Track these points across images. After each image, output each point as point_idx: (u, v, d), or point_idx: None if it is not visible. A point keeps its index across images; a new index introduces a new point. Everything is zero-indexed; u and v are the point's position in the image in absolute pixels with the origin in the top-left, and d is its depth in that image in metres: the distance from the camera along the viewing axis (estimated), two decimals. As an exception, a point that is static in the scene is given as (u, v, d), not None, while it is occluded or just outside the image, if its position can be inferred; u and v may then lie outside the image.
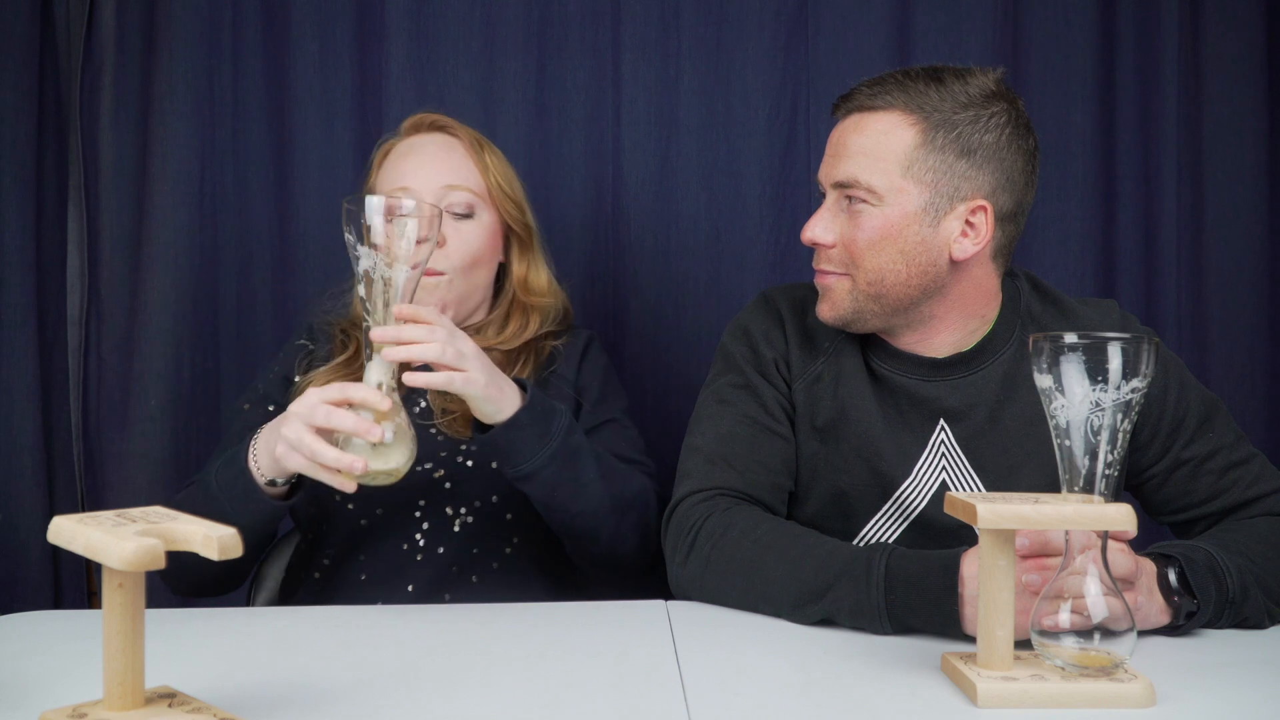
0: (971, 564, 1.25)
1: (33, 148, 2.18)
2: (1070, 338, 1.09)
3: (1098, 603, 1.07)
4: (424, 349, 1.36)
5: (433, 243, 1.36)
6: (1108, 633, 1.07)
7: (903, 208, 1.50)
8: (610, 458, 1.65)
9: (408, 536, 1.69)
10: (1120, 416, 1.08)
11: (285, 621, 1.42)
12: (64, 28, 2.23)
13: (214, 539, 0.95)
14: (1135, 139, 2.33)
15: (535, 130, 2.34)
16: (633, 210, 2.35)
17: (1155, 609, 1.28)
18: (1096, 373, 1.08)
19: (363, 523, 1.69)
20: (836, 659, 1.24)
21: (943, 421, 1.58)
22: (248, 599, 1.89)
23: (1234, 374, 2.35)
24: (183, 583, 1.66)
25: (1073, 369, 1.09)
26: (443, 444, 1.72)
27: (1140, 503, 1.63)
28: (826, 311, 1.58)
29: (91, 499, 2.22)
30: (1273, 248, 2.35)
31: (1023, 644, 1.14)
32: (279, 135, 2.30)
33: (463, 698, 1.10)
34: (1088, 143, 2.34)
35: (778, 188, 2.35)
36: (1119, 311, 1.65)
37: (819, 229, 1.56)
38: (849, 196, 1.52)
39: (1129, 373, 1.08)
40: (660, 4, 2.33)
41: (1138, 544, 1.29)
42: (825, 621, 1.36)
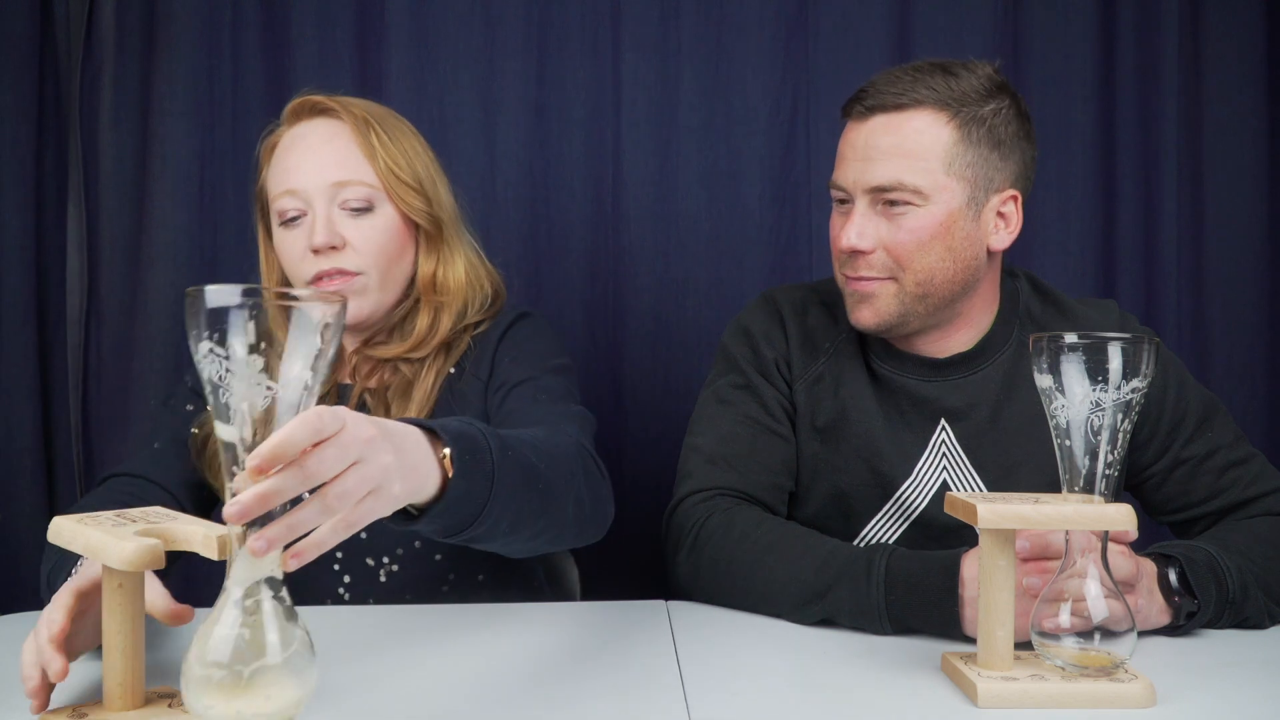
0: (972, 565, 1.25)
1: (33, 148, 2.19)
2: (1070, 338, 1.09)
3: (1098, 603, 1.07)
4: (284, 486, 0.82)
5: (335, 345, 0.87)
6: (1108, 633, 1.07)
7: (948, 205, 1.48)
8: (538, 441, 1.25)
9: (329, 592, 1.57)
10: (1120, 416, 1.08)
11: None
12: (64, 28, 2.24)
13: (213, 539, 0.90)
14: (1135, 139, 2.34)
15: (535, 130, 2.34)
16: (633, 210, 2.35)
17: (1155, 610, 1.28)
18: (1097, 373, 1.08)
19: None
20: (836, 659, 1.24)
21: (944, 421, 1.58)
22: None
23: (1234, 374, 2.35)
24: None
25: (1073, 369, 1.09)
26: None
27: (1139, 502, 1.63)
28: (870, 318, 1.53)
29: (91, 499, 2.23)
30: (1273, 248, 2.35)
31: (1023, 644, 1.14)
32: (279, 135, 2.30)
33: (463, 697, 1.10)
34: (1088, 142, 2.34)
35: (778, 188, 2.35)
36: (1118, 311, 1.65)
37: (856, 236, 1.49)
38: (889, 200, 1.48)
39: (1129, 373, 1.08)
40: (660, 4, 2.33)
41: (1138, 545, 1.29)
42: (825, 622, 1.36)
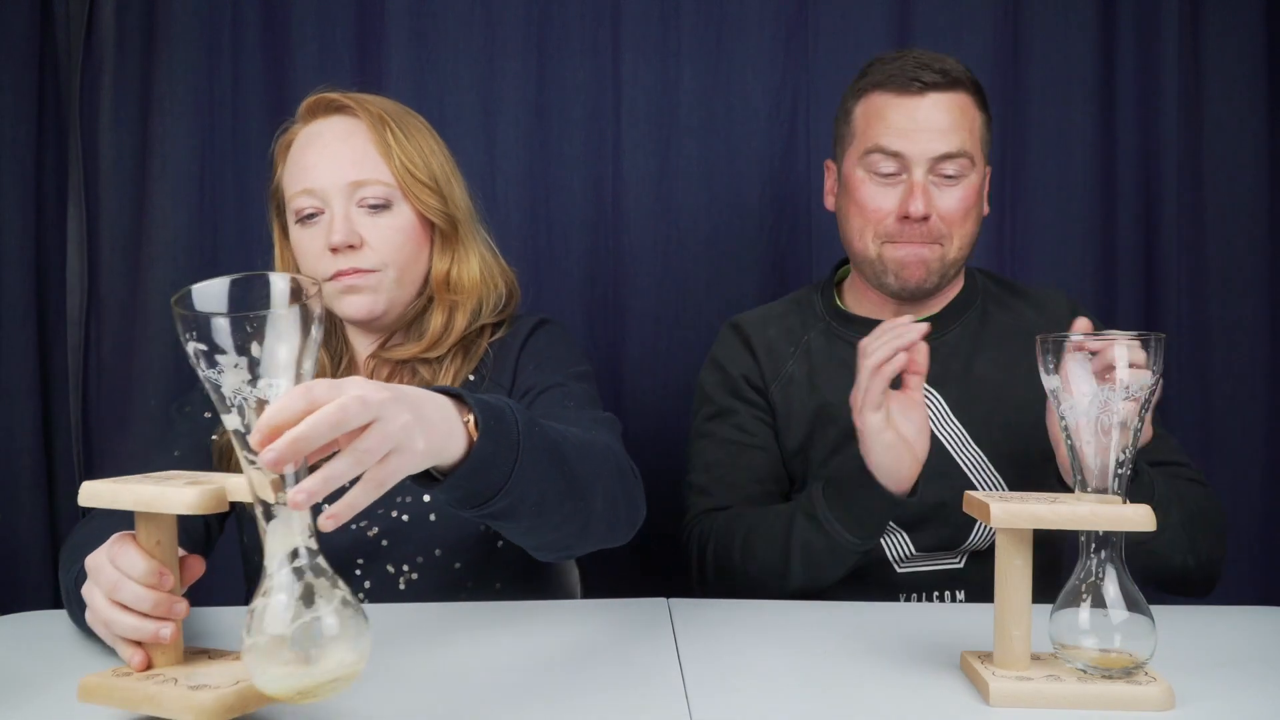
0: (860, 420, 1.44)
1: (33, 148, 2.18)
2: (1076, 337, 1.09)
3: (1117, 603, 1.07)
4: (316, 426, 0.85)
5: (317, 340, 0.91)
6: (1128, 633, 1.07)
7: (980, 174, 1.69)
8: (567, 431, 1.26)
9: None
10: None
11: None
12: (64, 28, 2.23)
13: (266, 481, 0.89)
14: (1135, 139, 2.34)
15: (535, 130, 2.33)
16: (633, 210, 2.35)
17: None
18: (1105, 371, 1.08)
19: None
20: (840, 655, 1.24)
21: (925, 385, 1.67)
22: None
23: (1234, 374, 2.35)
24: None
25: (1079, 369, 1.09)
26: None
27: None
28: (924, 277, 1.68)
29: (91, 500, 2.22)
30: (1273, 248, 2.35)
31: (1043, 645, 1.14)
32: (279, 135, 2.30)
33: (464, 696, 1.09)
34: (1088, 143, 2.35)
35: (778, 188, 2.36)
36: (1067, 300, 1.80)
37: (924, 204, 1.63)
38: (947, 172, 1.64)
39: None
40: (660, 4, 2.33)
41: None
42: (810, 578, 1.54)
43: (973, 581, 1.70)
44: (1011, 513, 1.06)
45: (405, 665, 1.18)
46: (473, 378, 1.60)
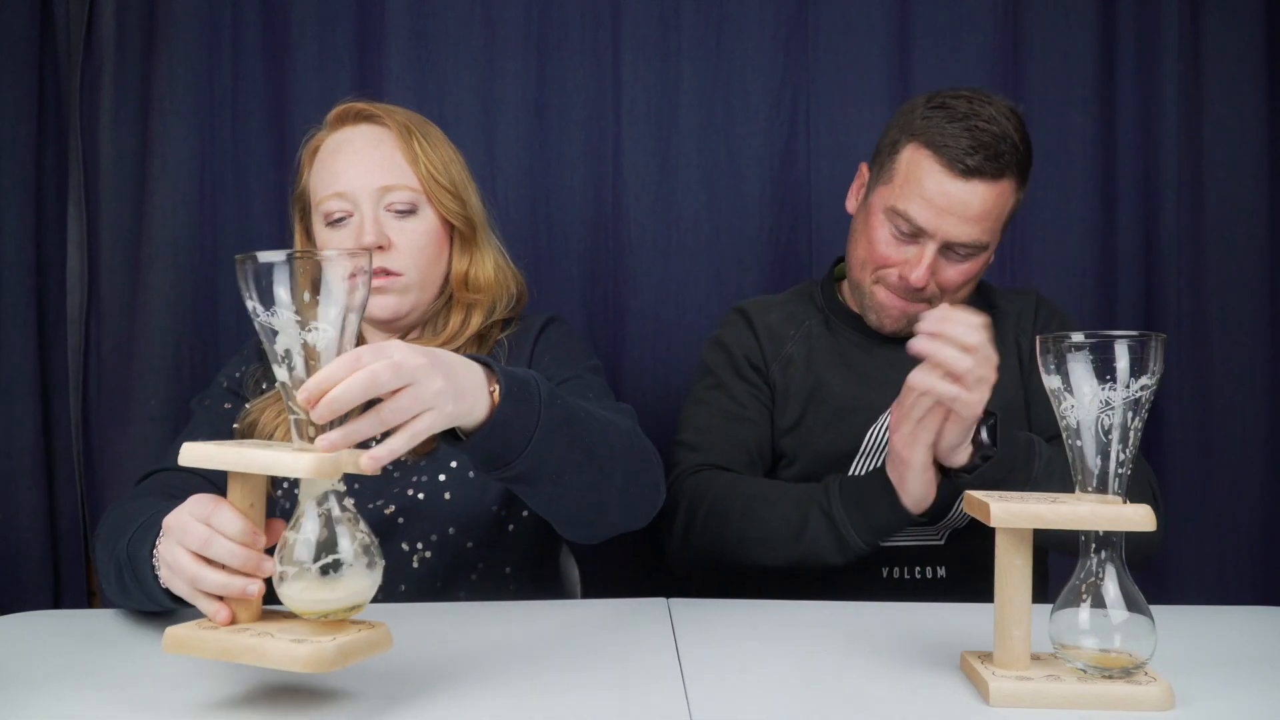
0: (894, 435, 1.48)
1: (33, 148, 2.18)
2: (1077, 337, 1.09)
3: (1117, 603, 1.07)
4: (349, 389, 0.97)
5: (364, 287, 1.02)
6: (1128, 633, 1.07)
7: (992, 249, 1.73)
8: (589, 407, 1.35)
9: None
10: (1131, 415, 1.08)
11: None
12: (64, 28, 2.23)
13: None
14: (1135, 139, 2.34)
15: (535, 130, 2.34)
16: (633, 210, 2.35)
17: (957, 435, 1.44)
18: (1105, 371, 1.08)
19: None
20: (840, 654, 1.24)
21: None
22: None
23: (1234, 374, 2.35)
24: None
25: (1080, 369, 1.09)
26: (394, 477, 1.60)
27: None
28: (901, 329, 1.75)
29: (91, 499, 2.22)
30: (1273, 248, 2.35)
31: (1043, 645, 1.14)
32: (279, 135, 2.30)
33: (464, 696, 1.09)
34: (1088, 143, 2.35)
35: (778, 188, 2.36)
36: (1036, 296, 1.88)
37: (925, 277, 1.68)
38: (959, 251, 1.68)
39: (1137, 370, 1.08)
40: (660, 4, 2.33)
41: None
42: (809, 559, 1.58)
43: (954, 559, 1.76)
44: (1011, 512, 1.06)
45: (405, 664, 1.18)
46: None
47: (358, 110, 1.68)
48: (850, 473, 1.78)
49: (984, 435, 1.48)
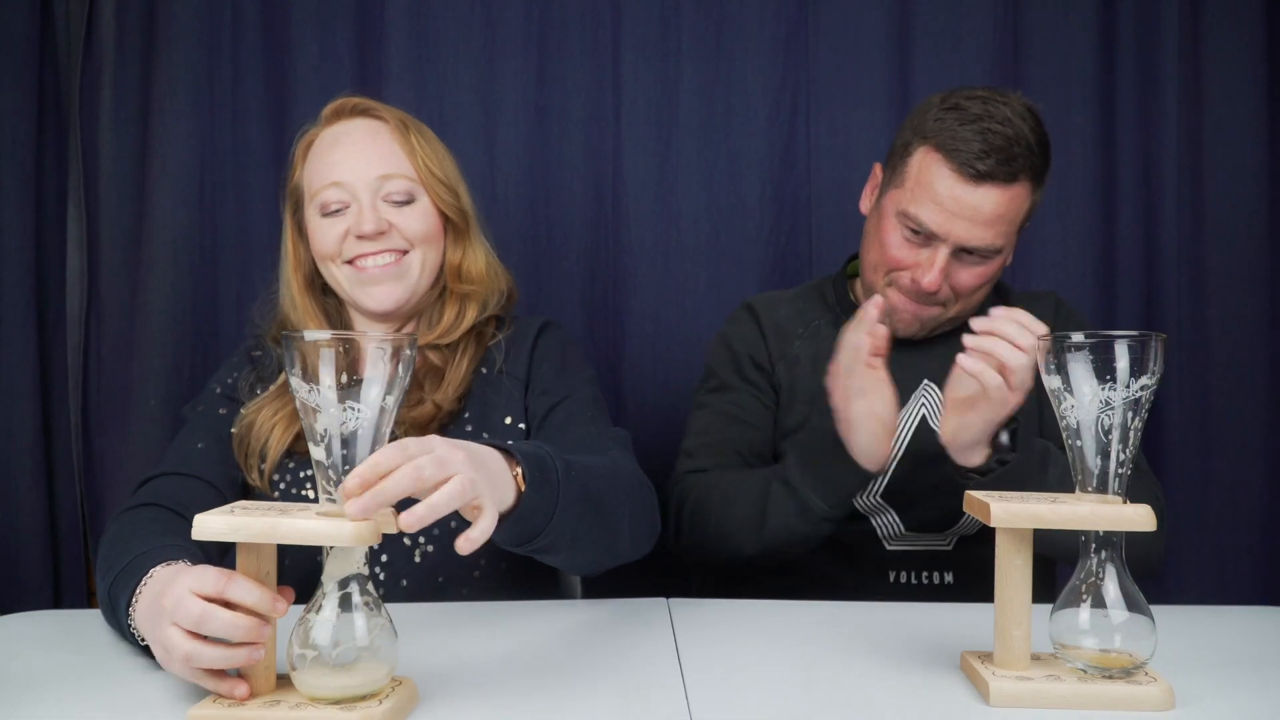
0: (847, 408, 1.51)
1: (33, 148, 2.18)
2: (1077, 337, 1.09)
3: (1117, 603, 1.07)
4: (397, 482, 0.99)
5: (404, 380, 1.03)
6: (1128, 633, 1.07)
7: (1007, 252, 1.70)
8: (597, 466, 1.38)
9: (368, 569, 1.57)
10: (1131, 415, 1.08)
11: (287, 620, 1.41)
12: (64, 28, 2.23)
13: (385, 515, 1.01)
14: (1135, 139, 2.34)
15: (535, 130, 2.34)
16: (633, 210, 2.35)
17: (978, 432, 1.45)
18: (1105, 371, 1.08)
19: (318, 558, 1.47)
20: (840, 655, 1.24)
21: (925, 379, 1.77)
22: None
23: (1234, 374, 2.35)
24: None
25: (1080, 369, 1.09)
26: None
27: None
28: (915, 332, 1.76)
29: (91, 499, 2.22)
30: (1273, 248, 2.35)
31: (1043, 645, 1.14)
32: (279, 135, 2.29)
33: (464, 696, 1.09)
34: (1088, 143, 2.35)
35: (778, 188, 2.36)
36: (1054, 299, 1.85)
37: (937, 282, 1.66)
38: (972, 255, 1.66)
39: (1137, 370, 1.08)
40: (660, 4, 2.33)
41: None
42: (779, 540, 1.61)
43: (961, 565, 1.74)
44: (1011, 512, 1.06)
45: (406, 665, 1.18)
46: (484, 370, 1.69)
47: (354, 104, 1.69)
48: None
49: (1004, 438, 1.47)
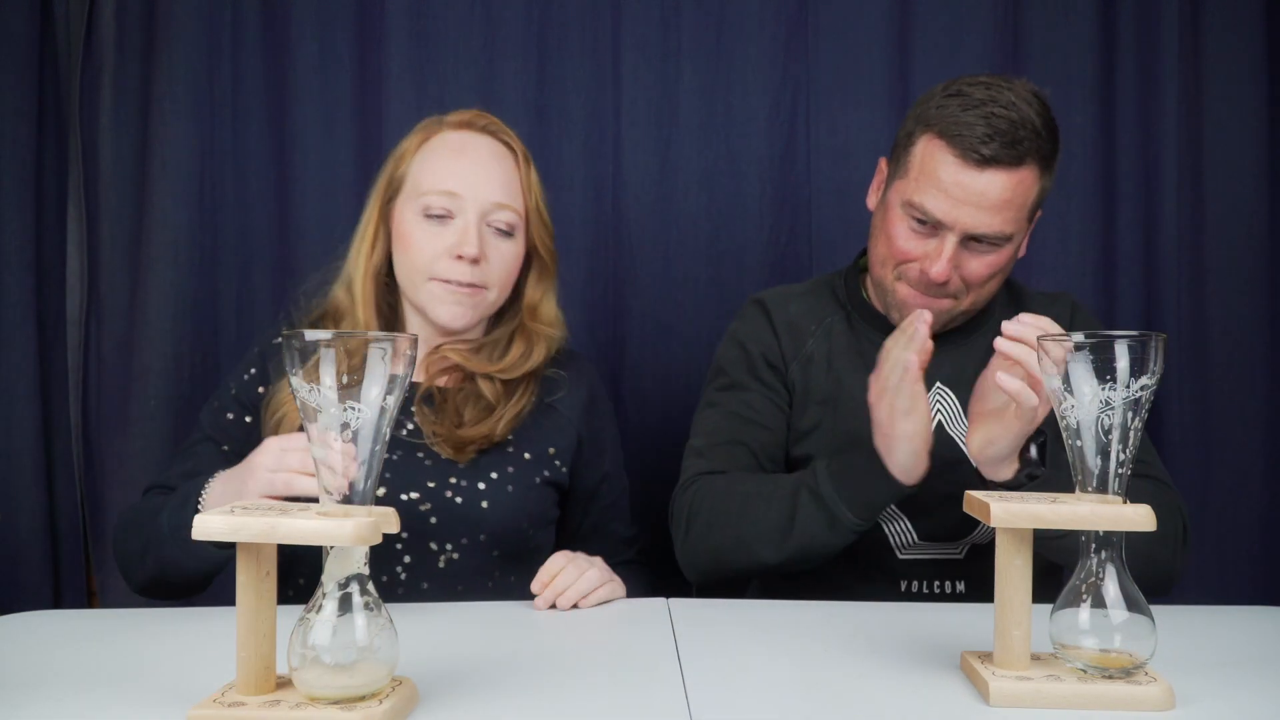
0: (877, 409, 1.47)
1: (33, 148, 2.18)
2: (1077, 337, 1.09)
3: (1117, 603, 1.07)
4: (580, 589, 1.47)
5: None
6: (1128, 633, 1.06)
7: (1018, 241, 1.67)
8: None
9: (387, 569, 1.60)
10: (1131, 415, 1.07)
11: (288, 620, 1.41)
12: (64, 28, 2.23)
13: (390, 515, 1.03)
14: (1135, 139, 2.34)
15: (535, 130, 2.33)
16: (633, 210, 2.35)
17: (1009, 443, 1.42)
18: (1105, 371, 1.08)
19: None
20: (841, 656, 1.23)
21: (938, 382, 1.74)
22: None
23: (1234, 374, 2.35)
24: (159, 587, 1.57)
25: (1080, 369, 1.09)
26: (431, 472, 1.63)
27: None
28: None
29: (91, 499, 2.22)
30: (1273, 248, 2.35)
31: (1043, 645, 1.14)
32: (279, 135, 2.30)
33: (463, 696, 1.09)
34: (1088, 143, 2.35)
35: (778, 188, 2.36)
36: (1070, 301, 1.81)
37: (946, 271, 1.62)
38: (981, 243, 1.63)
39: (1137, 370, 1.08)
40: (660, 4, 2.33)
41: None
42: (802, 553, 1.55)
43: (973, 574, 1.72)
44: (1011, 512, 1.06)
45: (405, 665, 1.18)
46: (544, 402, 1.75)
47: (486, 122, 1.72)
48: None
49: (1033, 452, 1.44)
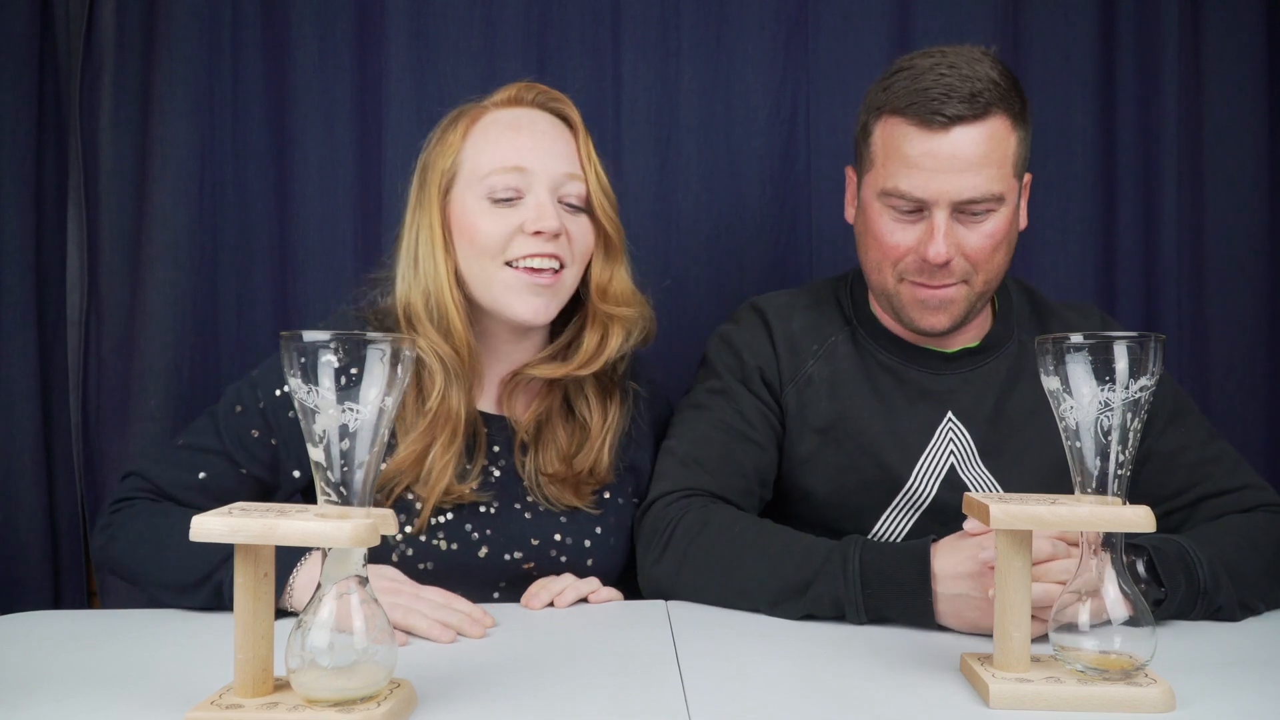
0: (941, 560, 1.30)
1: (33, 148, 2.17)
2: (1076, 338, 1.09)
3: (1117, 604, 1.07)
4: (567, 598, 1.50)
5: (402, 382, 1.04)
6: (1128, 635, 1.07)
7: (1012, 203, 1.56)
8: None
9: (384, 557, 1.52)
10: (1130, 416, 1.08)
11: (286, 622, 1.42)
12: (64, 28, 2.22)
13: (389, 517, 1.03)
14: (1135, 139, 2.34)
15: (535, 130, 2.33)
16: (633, 210, 2.34)
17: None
18: (1104, 372, 1.08)
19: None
20: (840, 658, 1.24)
21: (950, 413, 1.62)
22: None
23: (1234, 374, 2.35)
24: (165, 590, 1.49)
25: (1080, 370, 1.09)
26: (533, 527, 1.57)
27: None
28: (944, 321, 1.59)
29: (91, 499, 2.21)
30: (1273, 248, 2.35)
31: (1043, 646, 1.14)
32: (279, 135, 2.29)
33: (463, 697, 1.10)
34: (1088, 143, 2.34)
35: (778, 188, 2.35)
36: (1099, 314, 1.73)
37: (946, 247, 1.52)
38: (972, 211, 1.52)
39: (1136, 371, 1.08)
40: (660, 4, 2.33)
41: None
42: (806, 616, 1.40)
43: None
44: (1011, 513, 1.06)
45: (404, 666, 1.18)
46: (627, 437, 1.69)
47: (539, 92, 1.64)
48: (877, 529, 1.64)
49: (1141, 569, 1.36)
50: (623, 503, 1.64)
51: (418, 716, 1.04)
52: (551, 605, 1.47)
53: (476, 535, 1.53)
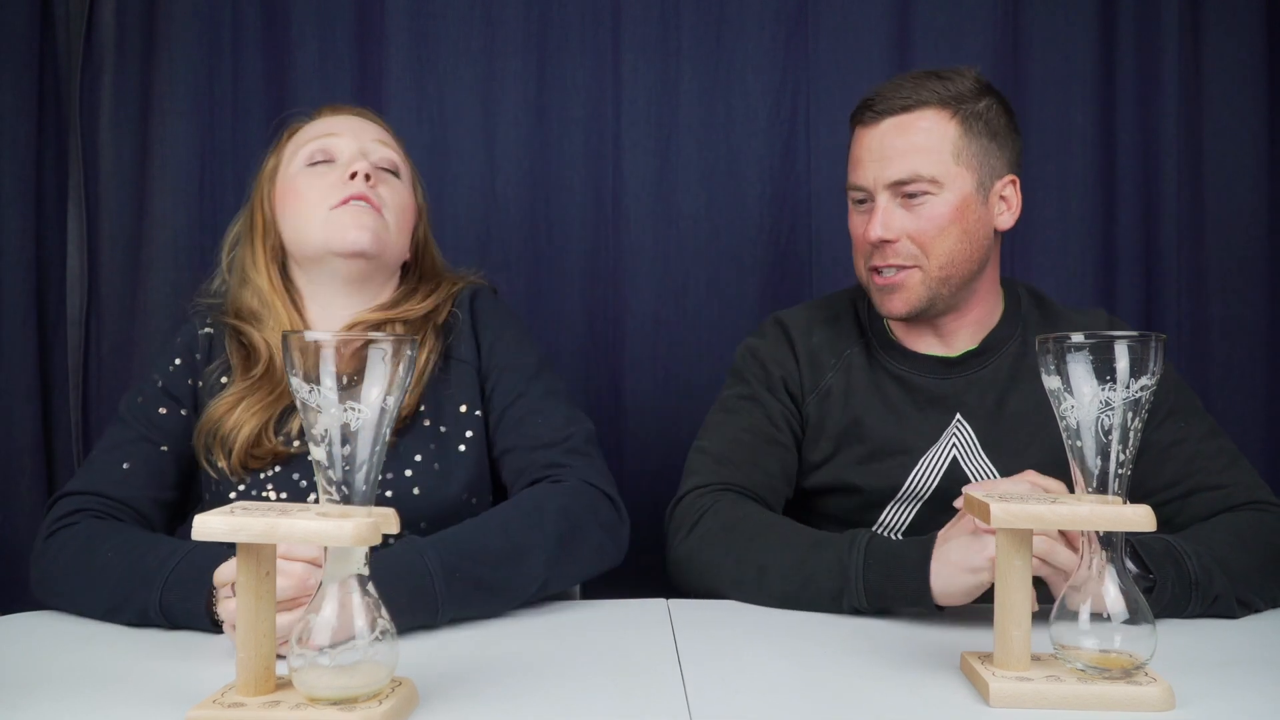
0: (946, 530, 1.36)
1: (33, 148, 2.18)
2: (1077, 337, 1.09)
3: (1116, 603, 1.07)
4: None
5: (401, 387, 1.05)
6: (1128, 633, 1.06)
7: (961, 191, 1.63)
8: (495, 548, 1.42)
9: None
10: (1131, 415, 1.08)
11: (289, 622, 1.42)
12: (64, 28, 2.23)
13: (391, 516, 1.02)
14: (1135, 139, 2.34)
15: (535, 130, 2.34)
16: (633, 210, 2.35)
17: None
18: (1104, 372, 1.08)
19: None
20: (840, 657, 1.23)
21: (959, 415, 1.69)
22: None
23: (1234, 374, 2.36)
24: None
25: (1080, 369, 1.09)
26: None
27: None
28: (900, 306, 1.67)
29: (91, 500, 2.22)
30: (1273, 248, 2.36)
31: (1043, 646, 1.14)
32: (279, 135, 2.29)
33: (464, 696, 1.09)
34: (1088, 143, 2.35)
35: (778, 188, 2.36)
36: (1107, 318, 1.76)
37: (882, 227, 1.63)
38: (908, 193, 1.63)
39: (1137, 370, 1.08)
40: (660, 4, 2.33)
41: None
42: (811, 596, 1.44)
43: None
44: (1011, 513, 1.06)
45: (404, 666, 1.18)
46: (449, 363, 1.69)
47: (339, 106, 1.75)
48: (883, 515, 1.71)
49: (1127, 561, 1.36)
50: (445, 430, 1.64)
51: (419, 715, 1.04)
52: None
53: (305, 483, 1.57)
